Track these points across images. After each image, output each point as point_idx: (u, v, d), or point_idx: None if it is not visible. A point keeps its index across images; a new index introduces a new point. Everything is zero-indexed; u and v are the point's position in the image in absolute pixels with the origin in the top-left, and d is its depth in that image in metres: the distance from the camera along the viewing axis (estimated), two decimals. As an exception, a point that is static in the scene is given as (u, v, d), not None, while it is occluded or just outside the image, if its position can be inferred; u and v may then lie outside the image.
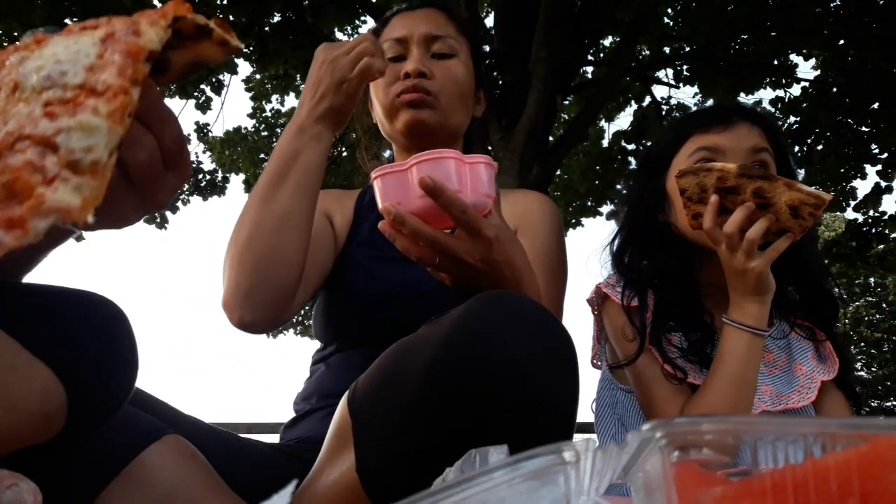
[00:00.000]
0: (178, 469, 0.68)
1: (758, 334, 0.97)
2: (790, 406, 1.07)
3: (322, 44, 0.93)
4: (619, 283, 1.13)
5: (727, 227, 0.93)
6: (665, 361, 1.04)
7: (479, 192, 0.71)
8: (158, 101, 0.46)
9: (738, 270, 0.95)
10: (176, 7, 0.44)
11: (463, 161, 0.70)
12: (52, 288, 0.63)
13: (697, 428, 0.33)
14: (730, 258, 0.95)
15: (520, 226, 1.07)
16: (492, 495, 0.32)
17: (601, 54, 7.79)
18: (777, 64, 6.78)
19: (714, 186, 0.95)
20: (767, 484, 0.31)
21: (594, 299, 1.18)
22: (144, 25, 0.42)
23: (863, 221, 7.04)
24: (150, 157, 0.47)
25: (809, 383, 1.09)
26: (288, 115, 8.66)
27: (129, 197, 0.48)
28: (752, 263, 0.94)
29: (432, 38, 1.07)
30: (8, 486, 0.51)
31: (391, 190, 0.71)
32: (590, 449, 0.33)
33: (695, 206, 0.98)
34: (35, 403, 0.54)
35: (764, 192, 0.92)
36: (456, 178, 0.69)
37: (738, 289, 0.98)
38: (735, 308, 0.99)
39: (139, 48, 0.41)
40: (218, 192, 8.33)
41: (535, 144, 4.88)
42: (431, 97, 1.04)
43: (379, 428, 0.66)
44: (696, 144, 1.08)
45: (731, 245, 0.94)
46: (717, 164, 0.95)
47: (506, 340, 0.61)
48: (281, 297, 0.87)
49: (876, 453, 0.30)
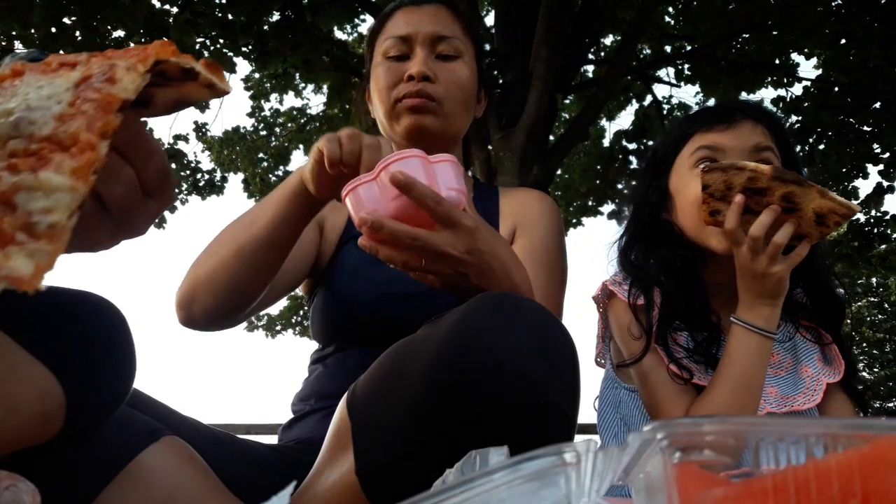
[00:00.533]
0: (176, 470, 0.68)
1: (767, 337, 0.97)
2: (795, 408, 1.07)
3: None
4: (625, 281, 1.13)
5: (754, 230, 0.92)
6: (671, 361, 1.04)
7: (450, 187, 0.70)
8: (142, 134, 0.45)
9: (758, 273, 0.94)
10: (159, 51, 0.43)
11: (428, 161, 0.70)
12: (51, 289, 0.62)
13: (698, 429, 0.33)
14: (751, 261, 0.94)
15: (518, 223, 1.06)
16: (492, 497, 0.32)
17: (602, 53, 7.79)
18: (778, 63, 6.77)
19: (741, 186, 0.92)
20: (769, 485, 0.31)
21: (600, 297, 1.18)
22: (121, 71, 0.41)
23: (865, 221, 7.04)
24: (126, 189, 0.46)
25: (815, 385, 1.09)
26: (287, 114, 8.66)
27: (105, 225, 0.47)
28: (775, 267, 0.93)
29: (438, 38, 1.05)
30: (6, 486, 0.51)
31: (363, 201, 0.70)
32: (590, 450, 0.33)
33: (716, 202, 0.96)
34: (34, 404, 0.54)
35: (793, 197, 0.91)
36: (424, 176, 0.68)
37: (753, 291, 0.96)
38: (746, 309, 0.98)
39: (111, 99, 0.40)
40: (216, 192, 8.33)
41: (536, 144, 4.88)
42: (435, 103, 1.02)
43: (378, 429, 0.65)
44: (698, 143, 1.07)
45: (754, 248, 0.93)
46: (750, 164, 0.93)
47: (506, 341, 0.60)
48: (233, 314, 0.91)
49: (878, 454, 0.30)
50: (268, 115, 8.76)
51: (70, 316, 0.60)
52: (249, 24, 5.33)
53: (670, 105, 8.02)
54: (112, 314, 0.63)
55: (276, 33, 5.40)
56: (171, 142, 8.18)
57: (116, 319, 0.63)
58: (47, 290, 0.62)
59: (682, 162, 1.10)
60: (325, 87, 7.08)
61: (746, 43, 6.58)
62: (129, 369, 0.63)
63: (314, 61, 5.58)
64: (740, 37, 6.47)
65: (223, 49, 5.77)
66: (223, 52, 5.79)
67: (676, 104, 8.02)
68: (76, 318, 0.60)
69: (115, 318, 0.63)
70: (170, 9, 5.41)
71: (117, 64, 0.41)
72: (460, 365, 0.60)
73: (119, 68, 0.41)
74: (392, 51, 1.05)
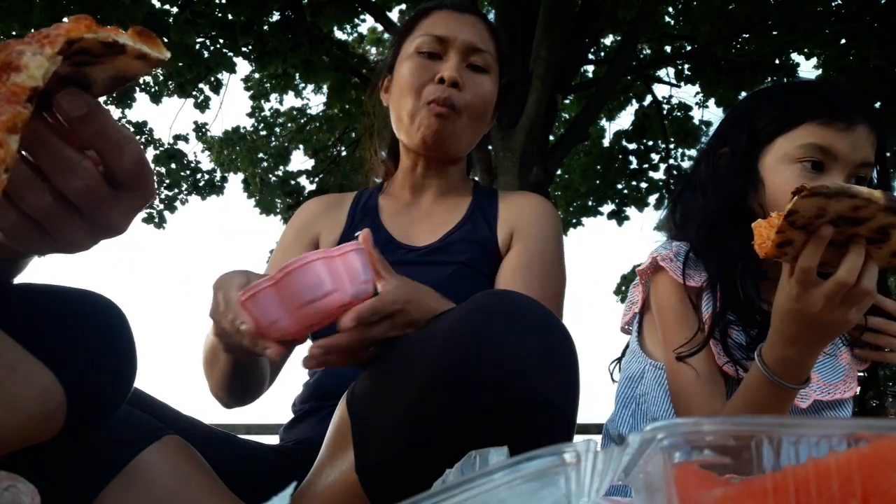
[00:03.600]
0: (177, 470, 0.68)
1: (791, 390, 0.83)
2: (837, 397, 1.00)
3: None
4: (677, 258, 1.02)
5: (844, 275, 0.74)
6: (727, 359, 0.95)
7: (357, 281, 0.67)
8: (108, 124, 0.43)
9: (822, 323, 0.77)
10: (69, 29, 0.39)
11: (331, 257, 0.67)
12: (51, 288, 0.63)
13: (699, 429, 0.33)
14: (823, 308, 0.76)
15: (515, 228, 1.05)
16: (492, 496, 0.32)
17: (602, 53, 7.79)
18: (778, 63, 6.77)
19: (836, 215, 0.71)
20: (769, 485, 0.31)
21: (647, 270, 1.08)
22: (27, 57, 0.38)
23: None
24: (88, 184, 0.43)
25: (852, 373, 1.03)
26: (287, 114, 8.66)
27: (77, 223, 0.45)
28: (850, 315, 0.77)
29: (474, 48, 1.06)
30: (6, 486, 0.51)
31: (264, 310, 0.65)
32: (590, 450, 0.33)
33: (792, 231, 0.74)
34: (34, 403, 0.54)
35: (890, 229, 0.73)
36: (329, 279, 0.65)
37: (803, 340, 0.80)
38: (778, 358, 0.82)
39: (16, 89, 0.37)
40: (216, 192, 8.34)
41: (536, 144, 4.88)
42: (455, 113, 1.03)
43: (378, 428, 0.65)
44: (812, 137, 0.94)
45: (832, 294, 0.75)
46: (865, 190, 0.71)
47: (506, 340, 0.60)
48: (261, 391, 1.01)
49: (878, 454, 0.30)
50: (268, 115, 8.76)
51: (71, 315, 0.60)
52: (249, 24, 5.34)
53: (670, 105, 8.03)
54: (113, 314, 0.63)
55: (276, 33, 5.40)
56: (171, 142, 8.19)
57: (117, 319, 0.63)
58: (47, 289, 0.62)
59: (784, 148, 0.97)
60: (325, 87, 7.09)
61: (746, 43, 6.59)
62: (129, 369, 0.63)
63: (314, 61, 5.59)
64: (740, 37, 6.48)
65: (223, 49, 5.77)
66: (223, 52, 5.79)
67: (676, 104, 8.03)
68: (77, 318, 0.60)
69: (115, 317, 0.63)
70: (170, 9, 5.42)
71: (23, 51, 0.38)
72: (460, 364, 0.60)
73: (25, 55, 0.38)
74: (426, 47, 1.05)
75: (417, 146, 1.06)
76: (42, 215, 0.43)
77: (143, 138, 7.82)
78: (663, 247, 1.06)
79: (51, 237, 0.45)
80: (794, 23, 5.63)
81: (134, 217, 0.47)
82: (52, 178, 0.43)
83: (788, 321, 0.79)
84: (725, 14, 6.22)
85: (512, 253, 1.03)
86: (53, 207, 0.43)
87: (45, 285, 0.63)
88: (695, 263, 1.02)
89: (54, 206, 0.43)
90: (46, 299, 0.61)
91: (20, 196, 0.43)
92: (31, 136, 0.42)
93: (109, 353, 0.61)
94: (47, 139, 0.42)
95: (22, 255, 0.53)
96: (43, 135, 0.42)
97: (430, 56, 1.05)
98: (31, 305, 0.59)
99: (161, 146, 8.03)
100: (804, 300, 0.77)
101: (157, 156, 7.95)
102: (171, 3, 5.38)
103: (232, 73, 6.98)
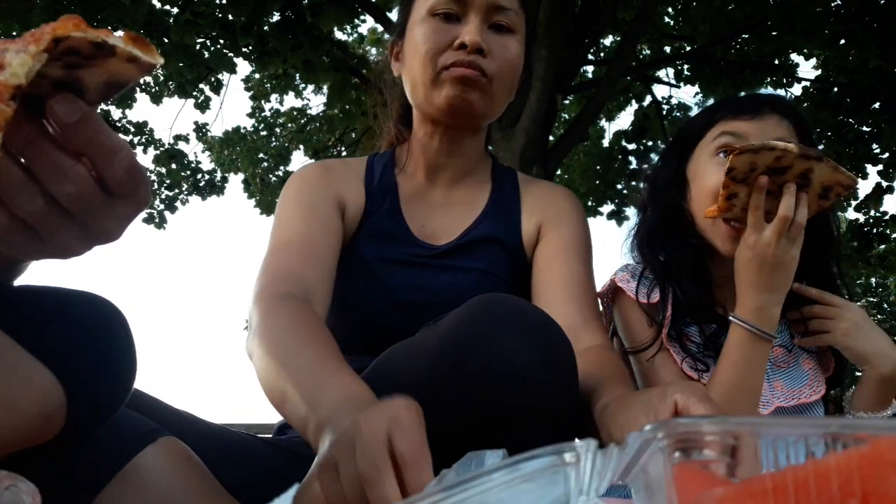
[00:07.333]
0: (173, 472, 0.68)
1: (768, 339, 0.94)
2: (803, 401, 1.05)
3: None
4: (633, 278, 1.11)
5: (785, 211, 0.89)
6: (685, 357, 1.03)
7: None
8: (101, 131, 0.43)
9: (778, 260, 0.91)
10: (57, 27, 0.38)
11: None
12: (51, 289, 0.63)
13: (698, 429, 0.33)
14: (774, 246, 0.90)
15: (544, 220, 1.04)
16: (491, 496, 0.32)
17: (601, 54, 7.79)
18: (778, 63, 6.77)
19: (765, 167, 0.90)
20: (768, 484, 0.31)
21: (607, 292, 1.17)
22: (10, 55, 0.37)
23: (864, 221, 7.04)
24: (80, 189, 0.43)
25: (818, 377, 1.08)
26: (287, 114, 8.66)
27: (69, 228, 0.45)
28: (794, 251, 0.91)
29: (496, 7, 0.93)
30: (6, 486, 0.51)
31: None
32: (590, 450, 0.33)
33: (735, 185, 0.92)
34: (34, 405, 0.54)
35: (809, 174, 0.90)
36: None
37: (760, 285, 0.93)
38: (751, 309, 0.94)
39: (0, 88, 0.37)
40: (216, 192, 8.34)
41: (536, 144, 4.88)
42: (486, 80, 0.92)
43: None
44: (721, 129, 1.05)
45: (781, 230, 0.89)
46: (780, 143, 0.90)
47: (504, 344, 0.60)
48: None
49: (877, 454, 0.30)
50: (268, 116, 8.76)
51: (71, 316, 0.60)
52: (249, 25, 5.33)
53: (670, 105, 8.02)
54: (113, 314, 0.63)
55: (277, 34, 5.40)
56: (172, 142, 8.19)
57: (117, 319, 0.63)
58: (47, 290, 0.62)
59: (703, 148, 1.07)
60: (325, 87, 7.08)
61: (746, 43, 6.58)
62: (129, 369, 0.63)
63: (314, 62, 5.58)
64: (740, 37, 6.47)
65: (223, 49, 5.77)
66: (223, 53, 5.79)
67: (676, 104, 8.03)
68: (77, 319, 0.60)
69: (115, 318, 0.63)
70: (170, 9, 5.42)
71: (7, 48, 0.38)
72: (458, 368, 0.60)
73: (8, 53, 0.37)
74: (441, 7, 0.93)
75: (440, 113, 0.95)
76: (34, 219, 0.43)
77: (143, 138, 7.82)
78: (621, 269, 1.15)
79: (43, 242, 0.44)
80: (793, 23, 5.63)
81: (128, 224, 0.47)
82: (44, 182, 0.42)
83: (751, 270, 0.93)
84: (725, 14, 6.21)
85: (546, 241, 1.01)
86: (45, 212, 0.43)
87: (46, 287, 0.63)
88: (651, 281, 1.10)
89: (46, 210, 0.43)
90: (46, 300, 0.61)
91: (11, 199, 0.42)
92: (23, 140, 0.41)
93: (109, 355, 0.61)
94: (40, 143, 0.42)
95: (16, 259, 0.53)
96: (36, 139, 0.42)
97: (447, 17, 0.93)
98: (31, 307, 0.59)
99: (161, 146, 8.03)
100: (759, 245, 0.91)
101: (157, 156, 7.95)
102: (171, 4, 5.37)
103: (232, 74, 6.99)
